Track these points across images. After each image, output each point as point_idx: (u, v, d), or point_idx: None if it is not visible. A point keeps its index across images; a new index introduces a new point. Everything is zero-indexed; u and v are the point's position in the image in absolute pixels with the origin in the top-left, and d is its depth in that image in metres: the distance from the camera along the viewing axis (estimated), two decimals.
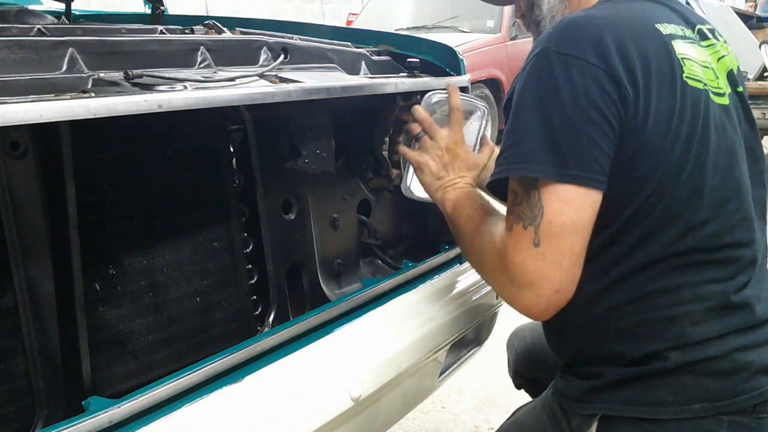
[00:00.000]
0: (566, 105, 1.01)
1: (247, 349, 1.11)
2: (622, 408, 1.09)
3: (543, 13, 1.25)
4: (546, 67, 1.04)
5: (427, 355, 1.41)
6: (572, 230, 1.02)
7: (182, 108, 1.00)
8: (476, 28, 6.87)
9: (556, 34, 1.06)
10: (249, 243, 1.39)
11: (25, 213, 1.00)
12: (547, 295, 1.04)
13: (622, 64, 1.02)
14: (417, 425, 2.26)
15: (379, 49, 1.69)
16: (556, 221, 1.01)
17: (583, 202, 1.02)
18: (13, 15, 1.63)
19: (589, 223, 1.03)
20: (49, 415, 1.02)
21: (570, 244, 1.02)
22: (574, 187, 1.01)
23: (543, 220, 1.02)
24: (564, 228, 1.01)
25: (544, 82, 1.04)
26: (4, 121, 0.80)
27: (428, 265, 1.59)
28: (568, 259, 1.03)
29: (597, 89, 1.01)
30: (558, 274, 1.03)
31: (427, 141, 1.34)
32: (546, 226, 1.02)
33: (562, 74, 1.02)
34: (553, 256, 1.02)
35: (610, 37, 1.03)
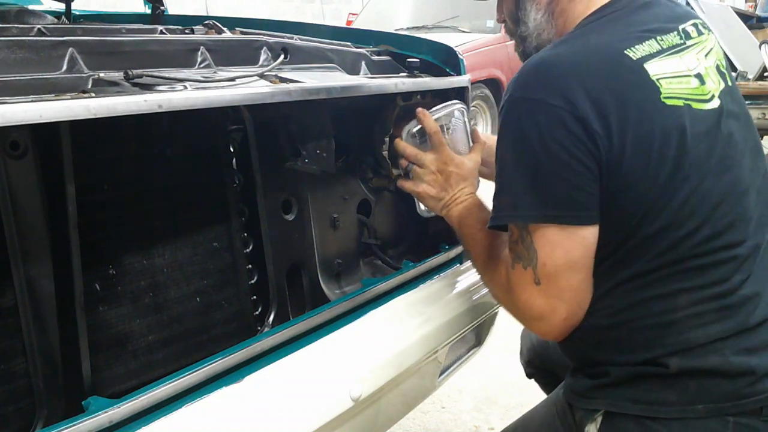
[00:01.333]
0: (536, 150, 1.05)
1: (247, 349, 1.11)
2: (625, 405, 1.11)
3: (529, 30, 1.27)
4: (514, 114, 1.09)
5: (427, 355, 1.41)
6: (566, 268, 1.07)
7: (182, 108, 1.00)
8: (476, 28, 6.87)
9: (521, 79, 1.09)
10: (249, 243, 1.39)
11: (25, 213, 1.00)
12: (557, 324, 1.11)
13: (589, 101, 1.03)
14: (417, 425, 2.26)
15: (379, 49, 1.69)
16: (550, 263, 1.07)
17: (572, 242, 1.07)
18: (13, 15, 1.63)
19: (583, 259, 1.08)
20: (49, 415, 1.02)
21: (567, 280, 1.08)
22: (559, 229, 1.06)
23: (538, 262, 1.08)
24: (558, 268, 1.07)
25: (514, 129, 1.08)
26: (4, 121, 0.80)
27: (428, 265, 1.59)
28: (568, 292, 1.09)
29: (562, 131, 1.03)
30: (562, 306, 1.09)
31: (418, 170, 1.40)
32: (542, 267, 1.08)
33: (528, 120, 1.06)
34: (554, 292, 1.08)
35: (575, 76, 1.05)
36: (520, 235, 1.10)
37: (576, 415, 1.18)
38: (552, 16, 1.23)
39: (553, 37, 1.24)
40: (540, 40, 1.25)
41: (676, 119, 1.07)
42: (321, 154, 1.42)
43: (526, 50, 1.29)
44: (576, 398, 1.18)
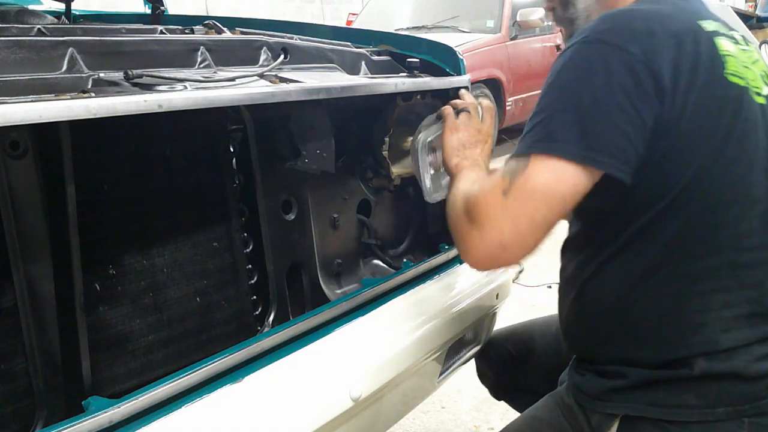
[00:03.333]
0: (598, 91, 1.01)
1: (247, 349, 1.11)
2: (644, 408, 1.09)
3: (578, 12, 1.25)
4: (584, 53, 1.05)
5: (427, 355, 1.41)
6: (543, 196, 1.01)
7: (182, 108, 1.00)
8: (476, 28, 6.86)
9: (600, 25, 1.07)
10: (249, 243, 1.39)
11: (25, 213, 1.00)
12: (490, 243, 1.03)
13: (666, 57, 1.02)
14: (417, 425, 2.26)
15: (379, 49, 1.69)
16: (533, 181, 1.01)
17: (572, 178, 1.01)
18: (13, 15, 1.63)
19: (568, 196, 1.02)
20: (49, 415, 1.02)
21: (534, 209, 1.01)
22: (573, 165, 1.00)
23: (522, 176, 1.02)
24: (537, 191, 1.01)
25: (580, 67, 1.04)
26: (4, 121, 0.80)
27: (428, 265, 1.59)
28: (525, 221, 1.01)
29: (632, 79, 1.01)
30: (509, 230, 1.02)
31: (467, 117, 1.39)
32: (522, 182, 1.02)
33: (599, 61, 1.02)
34: (514, 211, 1.02)
35: (653, 31, 1.04)
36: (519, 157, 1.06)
37: (591, 419, 1.16)
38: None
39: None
40: (589, 22, 1.19)
41: (736, 96, 1.07)
42: (321, 154, 1.42)
43: (573, 34, 1.26)
44: (589, 400, 1.16)
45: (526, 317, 3.13)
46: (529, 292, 3.33)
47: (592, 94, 1.01)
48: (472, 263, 1.10)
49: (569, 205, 1.03)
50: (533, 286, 3.40)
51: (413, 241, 1.77)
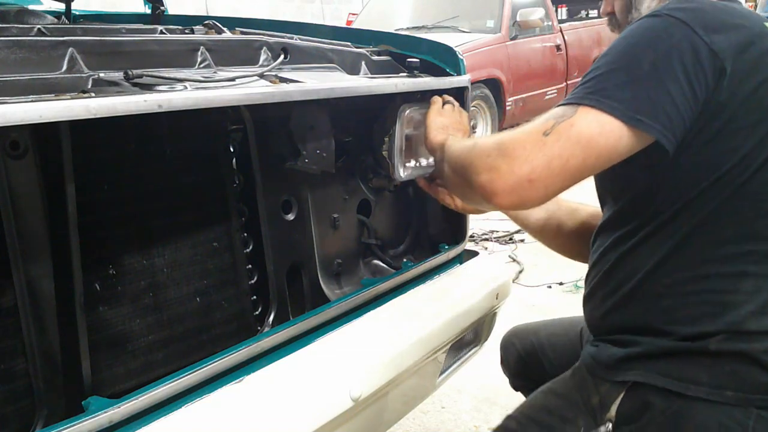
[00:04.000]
0: (658, 57, 1.03)
1: (247, 349, 1.11)
2: (655, 377, 1.10)
3: (642, 15, 1.23)
4: (654, 23, 1.07)
5: (427, 355, 1.41)
6: (584, 144, 1.02)
7: (182, 108, 1.00)
8: (476, 28, 6.86)
9: (672, 4, 1.10)
10: (249, 243, 1.39)
11: (25, 213, 1.00)
12: (518, 175, 1.04)
13: (729, 43, 1.04)
14: (417, 425, 2.25)
15: (379, 49, 1.69)
16: (578, 128, 1.02)
17: (616, 137, 1.02)
18: (13, 15, 1.63)
19: (605, 151, 1.03)
20: (49, 415, 1.02)
21: (571, 154, 1.02)
22: (621, 124, 1.02)
23: (567, 121, 1.03)
24: (579, 138, 1.02)
25: (645, 36, 1.07)
26: (4, 121, 0.80)
27: (428, 265, 1.59)
28: (559, 163, 1.03)
29: (692, 57, 1.03)
30: (542, 166, 1.03)
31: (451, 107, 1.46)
32: (566, 126, 1.03)
33: (665, 33, 1.05)
34: (551, 152, 1.03)
35: (724, 18, 1.07)
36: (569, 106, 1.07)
37: (600, 387, 1.17)
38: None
39: None
40: None
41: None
42: (321, 154, 1.42)
43: None
44: (602, 369, 1.17)
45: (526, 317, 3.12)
46: (529, 292, 3.33)
47: (651, 60, 1.04)
48: (496, 192, 1.08)
49: (605, 162, 1.05)
50: (533, 286, 3.40)
51: (413, 241, 1.77)
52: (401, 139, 1.50)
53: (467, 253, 1.75)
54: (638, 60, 1.05)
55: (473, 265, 1.73)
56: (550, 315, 3.01)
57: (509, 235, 4.25)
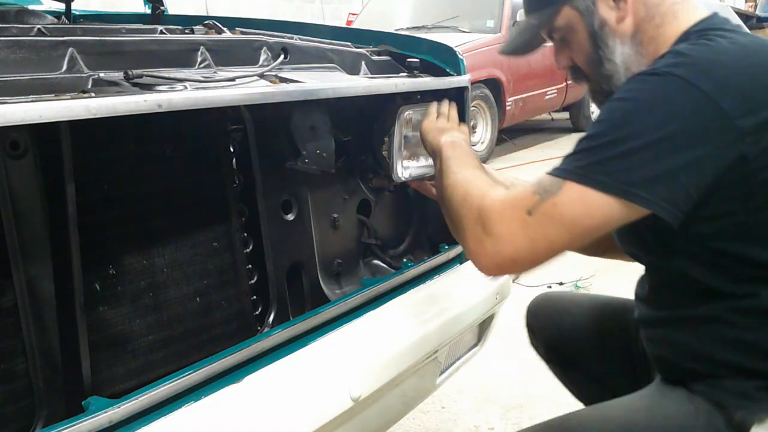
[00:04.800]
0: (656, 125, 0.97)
1: (247, 349, 1.11)
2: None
3: (617, 66, 1.17)
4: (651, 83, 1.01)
5: (427, 355, 1.41)
6: (568, 225, 1.00)
7: (182, 108, 1.00)
8: (476, 28, 6.87)
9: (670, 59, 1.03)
10: (249, 243, 1.39)
11: (25, 213, 1.00)
12: (503, 256, 1.03)
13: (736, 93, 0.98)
14: (417, 425, 2.25)
15: (379, 49, 1.69)
16: (560, 209, 1.00)
17: (606, 214, 0.99)
18: (13, 15, 1.63)
19: (593, 229, 1.00)
20: (49, 415, 1.02)
21: (556, 235, 1.00)
22: (612, 199, 0.97)
23: (551, 199, 1.00)
24: (563, 218, 1.00)
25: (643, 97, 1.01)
26: (4, 121, 0.80)
27: (428, 265, 1.59)
28: (544, 244, 1.01)
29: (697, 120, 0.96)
30: (525, 248, 1.01)
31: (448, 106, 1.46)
32: (549, 206, 1.00)
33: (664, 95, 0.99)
34: (534, 234, 1.01)
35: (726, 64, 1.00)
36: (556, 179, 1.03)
37: (735, 415, 1.09)
38: (641, 45, 1.16)
39: (644, 67, 1.14)
40: (629, 74, 1.15)
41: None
42: (321, 154, 1.42)
43: (613, 90, 1.17)
44: (736, 399, 1.09)
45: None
46: (529, 292, 3.32)
47: (649, 129, 0.97)
48: (480, 268, 1.09)
49: (595, 236, 1.01)
50: (533, 286, 3.40)
51: (413, 241, 1.77)
52: (400, 139, 1.51)
53: None
54: (634, 128, 0.98)
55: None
56: None
57: None
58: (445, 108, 1.46)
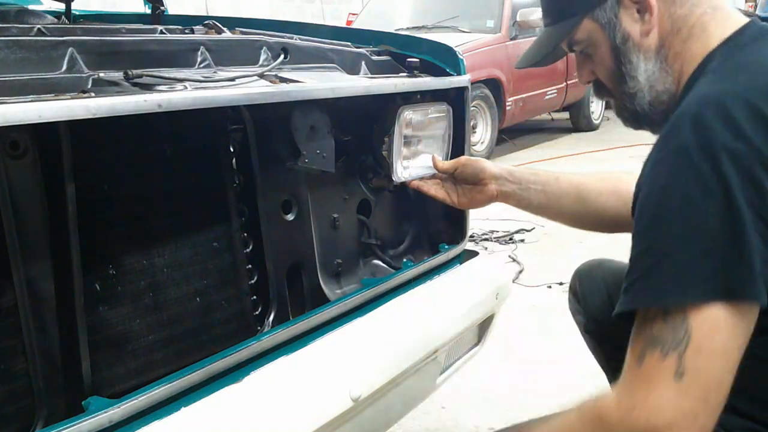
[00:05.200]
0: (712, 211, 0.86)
1: (247, 349, 1.11)
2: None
3: (640, 84, 1.10)
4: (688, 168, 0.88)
5: (427, 355, 1.41)
6: (723, 359, 0.86)
7: (182, 108, 1.00)
8: (476, 28, 6.87)
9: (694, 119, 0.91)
10: (249, 243, 1.39)
11: (25, 213, 1.00)
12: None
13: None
14: (417, 425, 2.25)
15: (379, 49, 1.69)
16: (707, 347, 0.85)
17: (737, 325, 0.86)
18: (13, 15, 1.63)
19: (741, 350, 0.88)
20: (49, 415, 1.02)
21: (719, 377, 0.86)
22: (728, 306, 0.86)
23: (690, 345, 0.85)
24: (715, 356, 0.86)
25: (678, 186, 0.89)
26: (4, 121, 0.80)
27: (428, 265, 1.59)
28: (715, 394, 0.86)
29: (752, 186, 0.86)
30: (704, 413, 0.86)
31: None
32: (694, 354, 0.85)
33: (711, 173, 0.86)
34: (700, 390, 0.85)
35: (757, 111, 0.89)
36: (664, 315, 0.88)
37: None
38: (666, 62, 1.08)
39: (670, 86, 1.08)
40: (654, 93, 1.09)
41: None
42: (321, 154, 1.42)
43: (636, 109, 1.12)
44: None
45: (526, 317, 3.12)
46: (529, 292, 3.32)
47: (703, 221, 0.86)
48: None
49: (743, 349, 0.89)
50: (533, 286, 3.40)
51: (413, 241, 1.77)
52: (400, 139, 1.51)
53: (467, 253, 1.75)
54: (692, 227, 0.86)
55: (473, 265, 1.72)
56: (550, 315, 3.02)
57: (509, 235, 4.25)
58: None
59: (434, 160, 1.55)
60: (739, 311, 0.87)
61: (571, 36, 1.14)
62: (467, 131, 1.69)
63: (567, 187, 1.52)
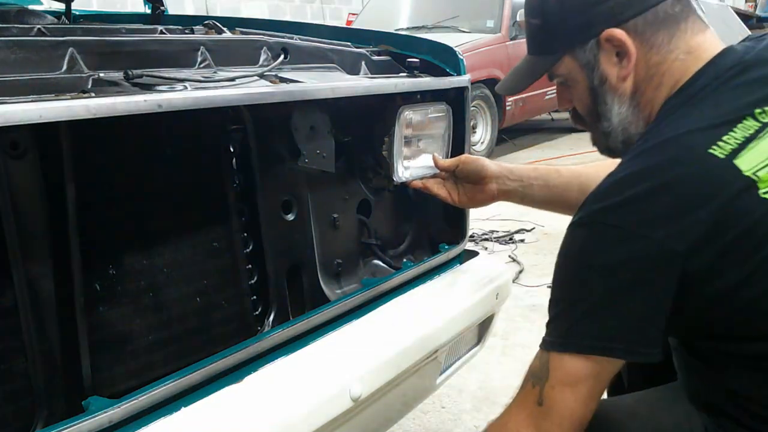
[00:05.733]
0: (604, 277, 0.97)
1: (247, 349, 1.11)
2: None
3: (613, 125, 1.14)
4: (582, 236, 1.01)
5: (427, 355, 1.41)
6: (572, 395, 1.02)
7: (182, 108, 1.00)
8: (476, 28, 6.87)
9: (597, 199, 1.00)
10: (249, 243, 1.39)
11: (25, 213, 1.00)
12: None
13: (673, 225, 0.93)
14: (417, 425, 2.25)
15: (379, 49, 1.69)
16: (560, 385, 1.02)
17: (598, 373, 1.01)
18: (13, 15, 1.63)
19: (598, 394, 1.04)
20: (49, 415, 1.02)
21: (570, 408, 1.02)
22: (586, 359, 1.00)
23: (548, 382, 1.03)
24: (564, 392, 1.02)
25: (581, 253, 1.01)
26: (4, 121, 0.80)
27: (428, 265, 1.59)
28: (568, 422, 1.03)
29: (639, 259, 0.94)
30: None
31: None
32: (549, 388, 1.03)
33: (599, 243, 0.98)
34: (556, 416, 1.03)
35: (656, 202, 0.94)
36: (541, 354, 1.05)
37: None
38: (638, 107, 1.11)
39: (641, 129, 1.12)
40: (627, 134, 1.13)
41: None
42: (321, 154, 1.42)
43: (610, 146, 1.17)
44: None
45: (526, 317, 3.13)
46: (529, 292, 3.33)
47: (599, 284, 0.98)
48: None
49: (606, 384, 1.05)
50: (533, 286, 3.40)
51: (413, 241, 1.77)
52: (400, 140, 1.51)
53: (467, 253, 1.75)
54: (588, 287, 0.99)
55: (473, 265, 1.73)
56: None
57: (509, 235, 4.25)
58: None
59: (435, 159, 1.55)
60: (603, 362, 1.00)
61: (551, 70, 1.17)
62: (467, 131, 1.69)
63: (569, 178, 1.53)
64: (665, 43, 1.07)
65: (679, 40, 1.07)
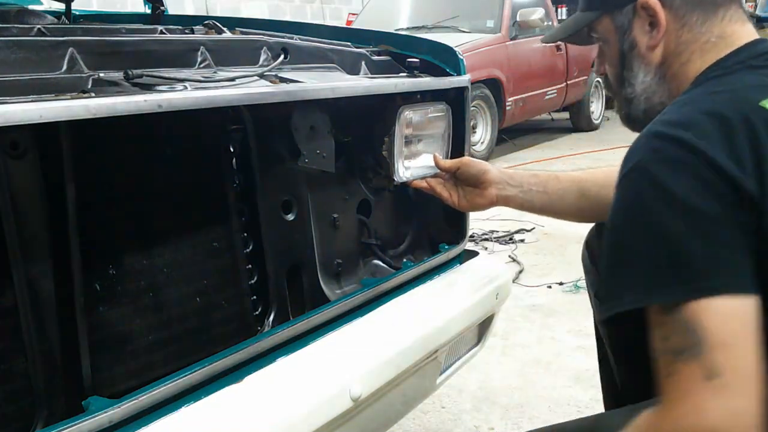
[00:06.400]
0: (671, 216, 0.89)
1: (247, 349, 1.11)
2: None
3: (636, 93, 1.15)
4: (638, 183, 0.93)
5: (427, 355, 1.41)
6: (749, 342, 0.84)
7: (182, 108, 1.00)
8: (476, 28, 6.87)
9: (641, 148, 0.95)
10: (249, 243, 1.39)
11: (25, 213, 1.00)
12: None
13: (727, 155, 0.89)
14: (417, 425, 2.25)
15: (379, 49, 1.69)
16: (728, 337, 0.84)
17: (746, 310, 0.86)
18: (13, 15, 1.63)
19: (754, 335, 0.85)
20: (49, 415, 1.02)
21: (752, 361, 0.84)
22: (727, 297, 0.85)
23: (710, 341, 0.84)
24: (739, 343, 0.84)
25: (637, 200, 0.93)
26: (4, 121, 0.80)
27: (428, 265, 1.59)
28: (747, 381, 0.83)
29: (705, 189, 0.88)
30: (751, 404, 0.83)
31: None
32: (717, 347, 0.83)
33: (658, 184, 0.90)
34: (740, 382, 0.83)
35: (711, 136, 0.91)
36: (672, 322, 0.87)
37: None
38: (663, 79, 1.13)
39: (665, 100, 1.12)
40: (649, 104, 1.14)
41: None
42: (321, 154, 1.42)
43: (631, 113, 1.18)
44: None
45: (526, 317, 3.13)
46: (529, 292, 3.33)
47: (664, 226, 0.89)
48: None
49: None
50: (533, 286, 3.40)
51: (413, 241, 1.77)
52: (400, 140, 1.51)
53: (467, 253, 1.75)
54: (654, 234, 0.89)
55: (473, 265, 1.73)
56: (550, 315, 3.02)
57: (509, 235, 4.25)
58: None
59: (436, 159, 1.55)
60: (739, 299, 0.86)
61: (591, 26, 1.21)
62: (467, 131, 1.69)
63: (568, 184, 1.53)
64: (698, 24, 1.10)
65: (713, 24, 1.10)
